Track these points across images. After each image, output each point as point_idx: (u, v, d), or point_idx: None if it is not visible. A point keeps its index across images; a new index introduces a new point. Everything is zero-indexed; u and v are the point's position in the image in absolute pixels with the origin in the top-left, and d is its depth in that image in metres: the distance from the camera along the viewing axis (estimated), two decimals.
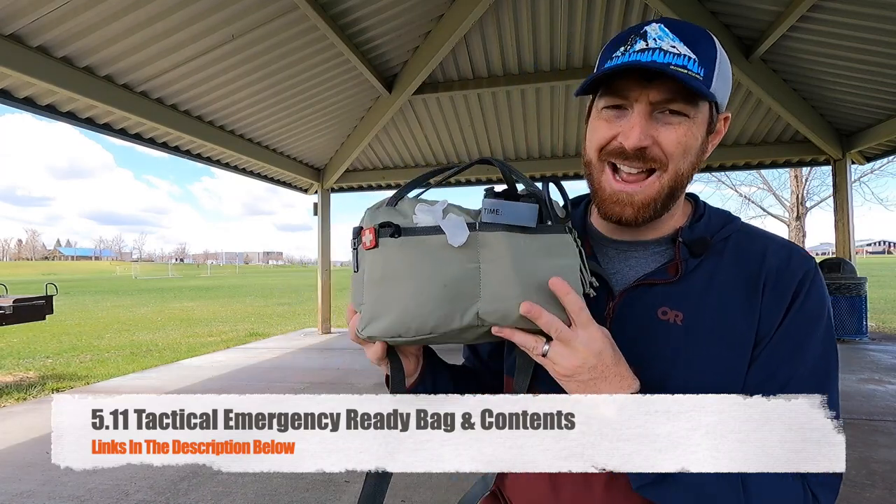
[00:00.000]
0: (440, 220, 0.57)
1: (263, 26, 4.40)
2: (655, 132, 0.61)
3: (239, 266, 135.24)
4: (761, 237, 0.69)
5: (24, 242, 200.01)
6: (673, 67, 0.58)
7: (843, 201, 6.98)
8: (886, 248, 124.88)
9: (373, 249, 0.58)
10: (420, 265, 0.56)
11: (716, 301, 0.64)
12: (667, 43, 0.60)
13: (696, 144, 0.63)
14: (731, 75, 0.66)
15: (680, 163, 0.63)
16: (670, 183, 0.64)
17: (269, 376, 5.70)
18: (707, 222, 0.70)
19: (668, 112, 0.61)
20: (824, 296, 0.65)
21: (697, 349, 0.63)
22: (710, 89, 0.60)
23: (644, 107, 0.61)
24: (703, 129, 0.64)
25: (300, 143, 7.12)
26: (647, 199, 0.64)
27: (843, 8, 4.41)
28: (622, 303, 0.68)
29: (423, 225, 0.58)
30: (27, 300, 5.55)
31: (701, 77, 0.59)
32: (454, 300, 0.56)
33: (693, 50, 0.60)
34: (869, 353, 6.20)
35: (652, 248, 0.71)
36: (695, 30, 0.62)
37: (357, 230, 0.61)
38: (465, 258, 0.56)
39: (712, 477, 0.55)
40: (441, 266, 0.56)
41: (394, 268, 0.57)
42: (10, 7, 3.24)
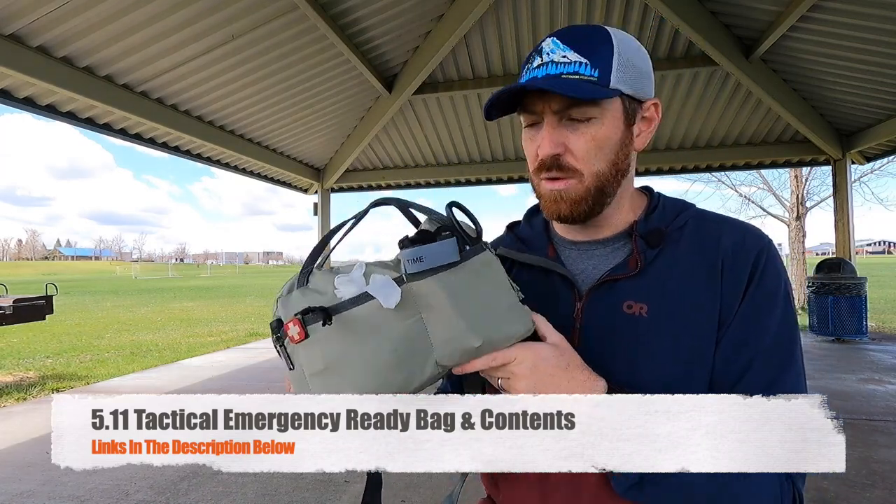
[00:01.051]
0: (364, 286, 0.55)
1: (263, 26, 4.40)
2: (566, 139, 0.65)
3: (239, 266, 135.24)
4: (716, 221, 0.71)
5: (24, 242, 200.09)
6: (564, 77, 0.62)
7: (843, 201, 6.98)
8: (886, 248, 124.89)
9: (303, 342, 0.55)
10: (363, 340, 0.54)
11: (677, 288, 0.66)
12: (558, 54, 0.63)
13: (610, 141, 0.65)
14: (642, 62, 0.67)
15: (595, 164, 0.65)
16: (594, 183, 0.66)
17: (269, 376, 5.70)
18: (661, 213, 0.72)
19: (575, 116, 0.64)
20: (780, 270, 0.66)
21: (664, 338, 0.64)
22: (610, 86, 0.62)
23: (551, 117, 0.65)
24: (616, 124, 0.65)
25: (300, 143, 7.12)
26: (577, 197, 0.66)
27: (843, 8, 4.41)
28: (589, 302, 0.69)
29: (348, 297, 0.55)
30: (27, 300, 5.55)
31: (595, 77, 0.62)
32: (409, 360, 0.54)
33: (584, 54, 0.62)
34: (869, 353, 6.20)
35: (611, 244, 0.73)
36: (587, 33, 0.65)
37: (276, 324, 0.58)
38: (405, 314, 0.55)
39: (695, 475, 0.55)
40: (384, 332, 0.54)
41: (335, 353, 0.54)
42: (10, 7, 3.24)
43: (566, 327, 0.68)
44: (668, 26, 5.56)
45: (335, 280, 0.56)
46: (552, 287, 0.73)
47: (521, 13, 5.61)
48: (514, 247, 0.80)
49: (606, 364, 0.65)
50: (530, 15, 5.62)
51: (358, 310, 0.55)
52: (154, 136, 5.61)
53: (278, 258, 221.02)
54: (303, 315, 0.54)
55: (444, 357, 0.55)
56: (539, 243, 0.79)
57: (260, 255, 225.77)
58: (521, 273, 0.77)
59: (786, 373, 0.62)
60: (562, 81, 0.62)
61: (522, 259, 0.76)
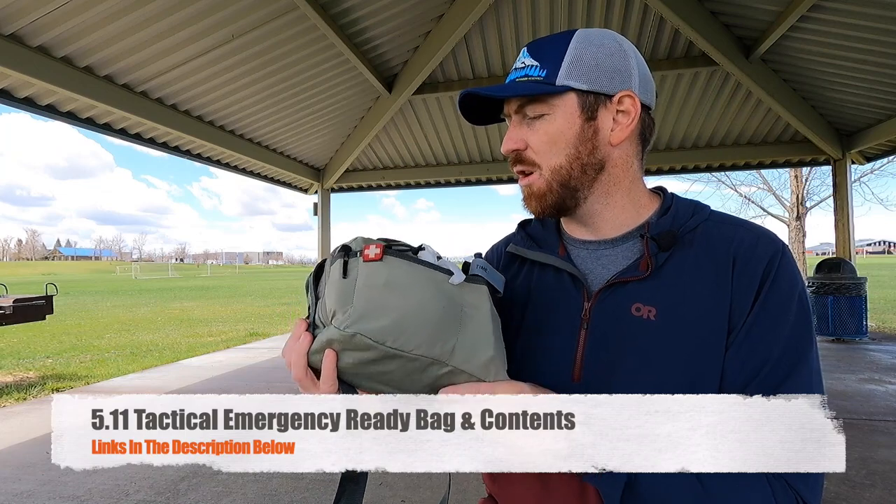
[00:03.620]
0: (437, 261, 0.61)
1: (263, 26, 4.40)
2: (525, 135, 0.69)
3: (239, 266, 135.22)
4: (729, 224, 0.70)
5: (24, 242, 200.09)
6: (518, 81, 0.68)
7: (843, 201, 6.99)
8: (886, 248, 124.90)
9: (375, 262, 0.58)
10: (426, 284, 0.58)
11: (688, 292, 0.65)
12: (520, 62, 0.70)
13: (564, 136, 0.67)
14: (608, 58, 0.68)
15: (552, 158, 0.68)
16: (554, 177, 0.69)
17: (269, 376, 5.70)
18: (674, 215, 0.71)
19: (530, 114, 0.69)
20: (794, 275, 0.65)
21: (672, 342, 0.63)
22: (556, 83, 0.66)
23: (514, 117, 0.71)
24: (570, 119, 0.67)
25: (300, 143, 7.13)
26: (540, 191, 0.70)
27: (843, 8, 4.41)
28: (598, 303, 0.69)
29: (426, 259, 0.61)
30: (27, 300, 5.55)
31: (542, 77, 0.66)
32: (445, 326, 0.57)
33: (537, 58, 0.68)
34: (869, 353, 6.20)
35: (620, 245, 0.72)
36: (549, 39, 0.69)
37: (344, 246, 0.61)
38: (456, 298, 0.59)
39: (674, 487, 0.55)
40: (440, 292, 0.58)
41: (400, 279, 0.57)
42: (10, 7, 3.24)
43: (574, 327, 0.69)
44: (668, 26, 5.57)
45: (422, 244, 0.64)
46: (562, 286, 0.73)
47: (521, 13, 5.61)
48: (524, 244, 0.80)
49: (612, 365, 0.64)
50: (530, 15, 5.63)
51: (430, 269, 0.59)
52: (154, 136, 5.62)
53: (278, 258, 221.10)
54: (391, 245, 0.60)
55: (459, 349, 0.57)
56: (550, 242, 0.79)
57: (260, 255, 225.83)
58: (532, 271, 0.77)
59: (793, 377, 0.60)
60: (509, 85, 0.68)
61: (533, 257, 0.77)
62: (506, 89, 0.68)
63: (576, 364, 0.67)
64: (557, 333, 0.69)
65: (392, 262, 0.58)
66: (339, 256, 0.60)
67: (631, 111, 0.69)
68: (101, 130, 5.00)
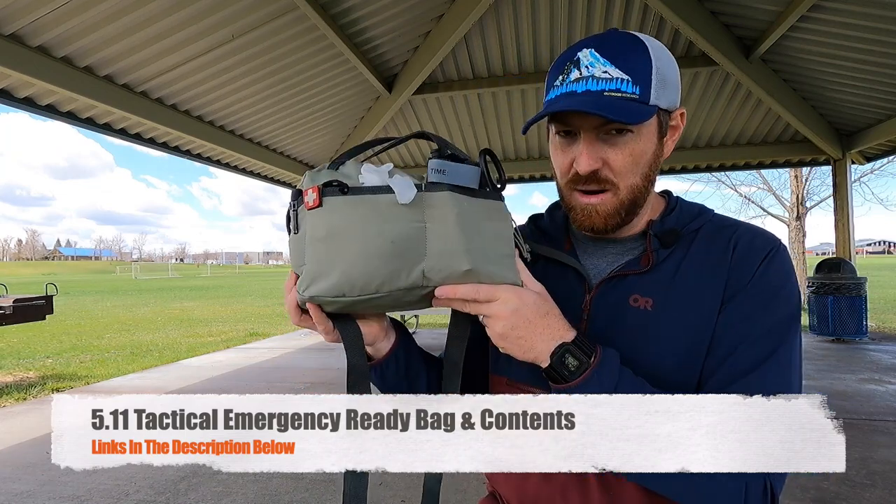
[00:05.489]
0: (387, 179, 0.58)
1: (263, 26, 4.40)
2: (605, 154, 0.65)
3: (239, 266, 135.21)
4: (731, 225, 0.72)
5: (24, 242, 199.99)
6: (607, 94, 0.61)
7: (843, 201, 6.98)
8: (886, 248, 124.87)
9: (316, 209, 0.57)
10: (367, 222, 0.56)
11: (684, 286, 0.67)
12: (598, 69, 0.62)
13: (646, 155, 0.66)
14: (674, 72, 0.67)
15: (631, 178, 0.66)
16: (628, 196, 0.67)
17: (269, 376, 5.70)
18: (678, 215, 0.74)
19: (613, 132, 0.64)
20: (786, 271, 0.66)
21: (665, 330, 0.66)
22: (650, 102, 0.63)
23: (589, 133, 0.65)
24: (652, 138, 0.66)
25: (300, 143, 7.12)
26: (611, 210, 0.68)
27: (843, 8, 4.41)
28: (598, 294, 0.71)
29: (370, 184, 0.58)
30: (27, 300, 5.55)
31: (637, 95, 0.62)
32: (401, 257, 0.56)
33: (625, 69, 0.62)
34: (869, 353, 6.20)
35: (627, 243, 0.75)
36: (624, 45, 0.64)
37: (297, 192, 0.60)
38: (412, 216, 0.57)
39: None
40: (388, 223, 0.56)
41: (339, 225, 0.56)
42: (10, 7, 3.23)
43: (575, 317, 0.70)
44: (668, 26, 5.56)
45: (362, 167, 0.60)
46: (565, 278, 0.75)
47: (521, 13, 5.60)
48: (533, 238, 0.82)
49: None
50: (530, 15, 5.62)
51: (374, 196, 0.57)
52: (154, 136, 5.61)
53: (278, 258, 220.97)
54: (323, 186, 0.57)
55: (433, 269, 0.56)
56: (558, 236, 0.81)
57: (260, 255, 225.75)
58: (539, 263, 0.78)
59: (771, 362, 0.61)
60: (605, 100, 0.61)
61: (539, 251, 0.78)
62: (609, 108, 0.61)
63: None
64: None
65: (331, 204, 0.57)
66: (291, 207, 0.61)
67: (679, 126, 0.71)
68: (101, 130, 5.00)
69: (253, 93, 5.39)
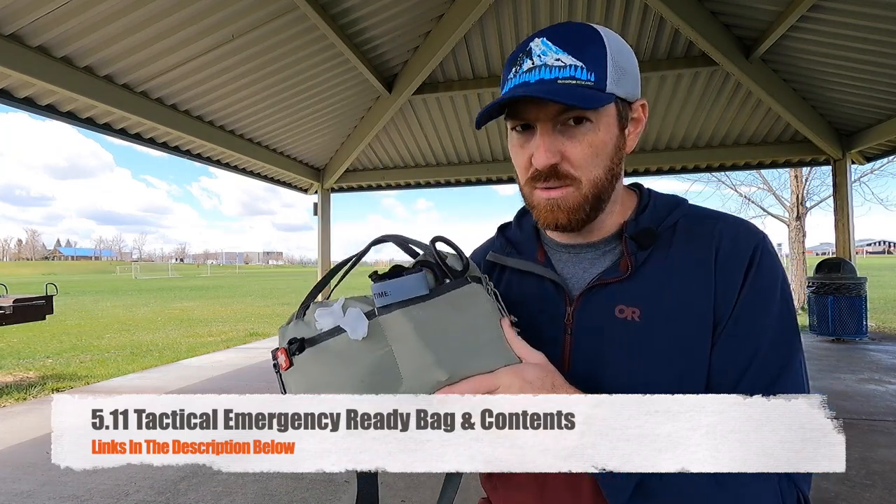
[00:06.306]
0: (340, 319, 0.58)
1: (263, 26, 4.40)
2: (563, 146, 0.62)
3: (239, 266, 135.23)
4: (709, 217, 0.69)
5: (24, 242, 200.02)
6: (560, 82, 0.59)
7: (843, 201, 6.98)
8: (886, 248, 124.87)
9: (290, 370, 0.59)
10: (334, 369, 0.57)
11: (671, 291, 0.64)
12: (551, 57, 0.60)
13: (607, 147, 0.64)
14: (632, 63, 0.65)
15: (593, 171, 0.63)
16: (591, 191, 0.64)
17: (269, 376, 5.67)
18: (652, 212, 0.70)
19: (571, 122, 0.61)
20: (776, 266, 0.64)
21: (657, 343, 0.63)
22: (606, 90, 0.60)
23: (545, 124, 0.62)
24: (612, 129, 0.64)
25: (300, 143, 7.13)
26: (574, 205, 0.64)
27: (843, 8, 4.41)
28: (580, 307, 0.68)
29: (326, 329, 0.58)
30: (27, 300, 5.56)
31: (592, 82, 0.59)
32: (379, 387, 0.56)
33: (579, 56, 0.60)
34: (869, 353, 6.20)
35: (602, 247, 0.71)
36: (578, 33, 0.62)
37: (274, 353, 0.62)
38: (374, 346, 0.57)
39: (688, 481, 0.54)
40: (354, 364, 0.57)
41: (315, 379, 0.58)
42: (10, 7, 3.24)
43: (558, 332, 0.68)
44: (668, 26, 5.56)
45: (315, 312, 0.60)
46: (543, 292, 0.71)
47: (521, 13, 5.61)
48: (504, 251, 0.78)
49: (599, 369, 0.64)
50: (530, 15, 5.63)
51: (332, 341, 0.58)
52: (154, 136, 5.61)
53: (278, 258, 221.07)
54: (288, 345, 0.59)
55: (412, 389, 0.56)
56: (529, 246, 0.77)
57: (260, 255, 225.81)
58: (513, 278, 0.76)
59: (785, 373, 0.60)
60: (559, 87, 0.59)
61: (512, 264, 0.75)
62: (562, 94, 0.58)
63: (562, 371, 0.67)
64: (541, 341, 0.66)
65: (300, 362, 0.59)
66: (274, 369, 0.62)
67: (641, 119, 0.68)
68: (101, 130, 5.00)
69: (253, 93, 5.39)
